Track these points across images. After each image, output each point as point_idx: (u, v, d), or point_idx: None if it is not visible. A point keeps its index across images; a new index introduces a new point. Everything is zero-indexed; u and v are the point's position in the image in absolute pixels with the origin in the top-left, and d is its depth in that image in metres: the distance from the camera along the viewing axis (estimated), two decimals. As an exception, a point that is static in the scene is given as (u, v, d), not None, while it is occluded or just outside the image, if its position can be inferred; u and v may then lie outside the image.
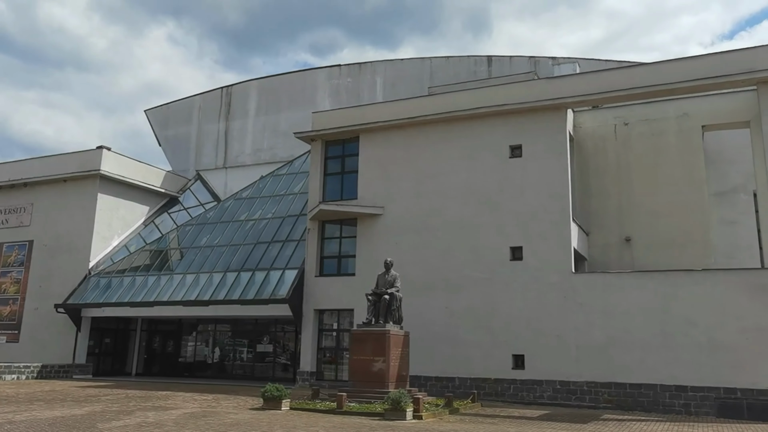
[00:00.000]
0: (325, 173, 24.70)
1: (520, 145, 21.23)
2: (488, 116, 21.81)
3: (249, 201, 29.06)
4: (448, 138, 22.37)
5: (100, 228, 29.24)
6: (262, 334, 28.69)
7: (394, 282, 18.21)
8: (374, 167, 23.44)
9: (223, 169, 35.25)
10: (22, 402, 16.13)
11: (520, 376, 19.64)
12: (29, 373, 24.89)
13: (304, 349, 23.26)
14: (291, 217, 26.79)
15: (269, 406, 15.68)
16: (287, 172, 29.67)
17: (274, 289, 23.59)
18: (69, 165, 30.18)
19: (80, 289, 28.08)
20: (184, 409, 15.07)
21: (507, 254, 20.65)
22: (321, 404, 16.09)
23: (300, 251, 24.79)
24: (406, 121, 22.98)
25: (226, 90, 36.21)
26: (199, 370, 29.55)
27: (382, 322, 17.63)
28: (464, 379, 20.32)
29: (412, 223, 22.27)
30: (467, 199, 21.58)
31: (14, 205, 31.25)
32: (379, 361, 16.95)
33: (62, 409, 14.73)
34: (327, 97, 33.06)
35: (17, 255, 30.57)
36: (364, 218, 23.04)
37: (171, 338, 31.23)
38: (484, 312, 20.47)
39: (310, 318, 23.27)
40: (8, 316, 29.86)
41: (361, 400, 16.15)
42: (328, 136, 24.60)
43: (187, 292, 25.26)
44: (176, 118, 37.39)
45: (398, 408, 14.25)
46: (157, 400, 16.95)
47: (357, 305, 22.35)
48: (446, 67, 30.61)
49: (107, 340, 29.41)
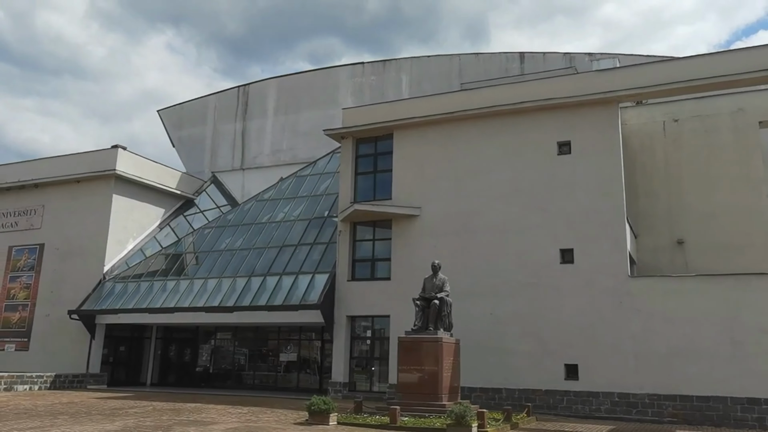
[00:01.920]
0: (356, 172, 23.46)
1: (568, 141, 20.04)
2: (533, 111, 20.63)
3: (271, 203, 27.77)
4: (489, 134, 21.17)
5: (114, 231, 27.90)
6: (285, 343, 27.34)
7: (443, 286, 16.93)
8: (410, 166, 22.22)
9: (240, 170, 33.99)
10: (44, 416, 14.78)
11: (573, 387, 18.36)
12: (42, 383, 23.52)
13: (336, 358, 21.94)
14: (318, 219, 25.51)
15: (316, 421, 14.36)
16: (311, 173, 28.40)
17: (304, 295, 22.29)
18: (82, 165, 28.88)
19: (94, 294, 26.73)
20: (224, 424, 13.74)
21: (556, 257, 19.41)
22: (371, 419, 14.77)
23: (329, 255, 23.51)
24: (444, 116, 21.78)
25: (243, 89, 35.00)
26: (218, 380, 28.17)
27: (432, 329, 16.33)
28: (512, 390, 19.04)
29: (451, 224, 21.02)
30: (512, 199, 20.35)
31: (24, 207, 29.92)
32: (432, 371, 15.63)
33: (92, 424, 13.39)
34: (349, 96, 31.87)
35: (27, 259, 29.21)
36: (400, 219, 21.79)
37: (187, 347, 29.84)
38: (532, 319, 19.20)
39: (342, 325, 21.96)
40: (17, 323, 28.47)
41: (414, 414, 14.83)
42: (359, 133, 23.39)
43: (209, 298, 23.93)
44: (190, 119, 36.16)
45: (462, 423, 12.95)
46: (190, 414, 15.61)
47: (393, 311, 21.13)
48: (476, 64, 29.46)
49: (122, 348, 28.04)
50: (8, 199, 30.36)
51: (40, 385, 23.39)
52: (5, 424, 13.24)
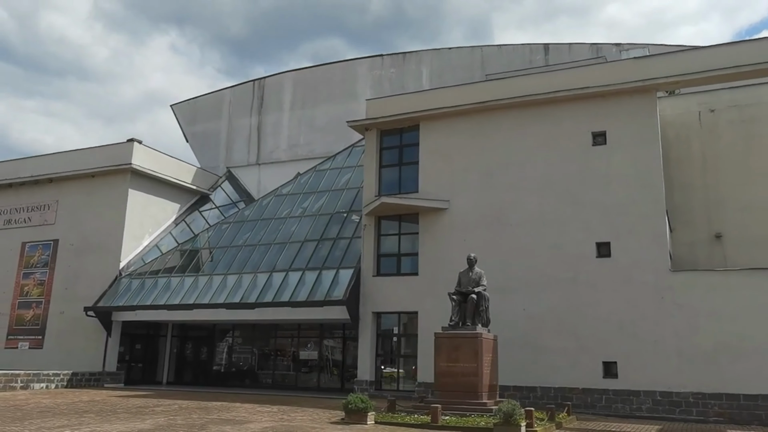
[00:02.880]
0: (381, 165, 22.82)
1: (603, 131, 19.37)
2: (566, 101, 19.97)
3: (290, 198, 27.15)
4: (521, 125, 20.51)
5: (130, 226, 27.30)
6: (305, 341, 26.69)
7: (480, 280, 16.28)
8: (437, 158, 21.57)
9: (255, 165, 33.37)
10: (69, 414, 14.17)
11: (612, 385, 17.69)
12: (59, 381, 22.93)
13: (362, 355, 21.30)
14: (339, 213, 24.88)
15: (353, 420, 13.73)
16: (330, 167, 27.76)
17: (329, 291, 21.65)
18: (97, 159, 28.30)
19: (111, 291, 26.13)
20: (259, 423, 13.12)
21: (592, 251, 18.76)
22: (410, 418, 14.13)
23: (353, 250, 22.88)
24: (474, 106, 21.13)
25: (258, 83, 34.40)
26: (235, 379, 27.52)
27: (470, 325, 15.68)
28: (547, 388, 18.36)
29: (481, 218, 20.37)
30: (545, 192, 19.69)
31: (38, 202, 29.34)
32: (471, 368, 14.98)
33: (121, 422, 12.78)
34: (368, 89, 31.22)
35: (41, 255, 28.64)
36: (428, 213, 21.14)
37: (203, 345, 29.22)
38: (568, 314, 18.55)
39: (368, 321, 21.33)
40: (31, 320, 27.89)
41: (453, 413, 14.18)
42: (384, 124, 22.75)
43: (229, 295, 23.31)
44: (204, 113, 35.56)
45: (511, 422, 12.31)
46: (220, 413, 14.98)
47: (421, 307, 20.51)
48: (499, 56, 28.80)
49: (138, 346, 27.44)
50: (22, 194, 29.80)
51: (56, 384, 22.80)
52: (32, 422, 12.64)
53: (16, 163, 30.81)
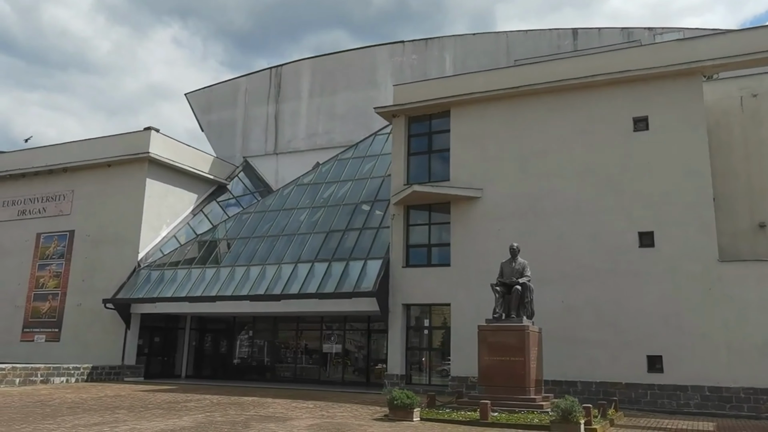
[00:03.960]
0: (409, 153, 22.12)
1: (645, 116, 18.65)
2: (605, 85, 19.24)
3: (312, 187, 26.47)
4: (557, 111, 19.79)
5: (148, 217, 26.65)
6: (328, 334, 26.06)
7: (524, 270, 15.61)
8: (469, 145, 20.86)
9: (273, 155, 32.68)
10: (100, 411, 13.56)
11: (658, 380, 17.03)
12: (79, 375, 22.37)
13: (392, 349, 20.67)
14: (365, 203, 24.20)
15: (397, 416, 13.10)
16: (352, 156, 27.07)
17: (357, 282, 21.00)
18: (113, 148, 27.62)
19: (129, 283, 25.52)
20: (302, 420, 12.49)
21: (634, 241, 18.07)
22: (456, 414, 13.50)
23: (380, 240, 22.22)
24: (508, 92, 20.41)
25: (275, 71, 33.64)
26: (255, 373, 26.89)
27: (514, 317, 15.03)
28: (588, 383, 17.71)
29: (516, 207, 19.68)
30: (583, 179, 18.98)
31: (53, 192, 28.70)
32: (518, 362, 14.34)
33: (158, 420, 12.16)
34: (389, 76, 30.46)
35: (57, 246, 28.02)
36: (460, 202, 20.45)
37: (223, 338, 28.61)
38: (609, 306, 17.88)
39: (397, 314, 20.68)
40: (48, 312, 27.30)
41: (501, 409, 13.55)
42: (412, 111, 22.04)
43: (253, 286, 22.67)
44: (220, 102, 34.84)
45: (570, 420, 11.65)
46: (256, 408, 14.36)
47: (454, 299, 19.88)
48: (525, 42, 28.01)
49: (156, 339, 26.82)
50: (36, 184, 29.17)
51: (77, 378, 22.25)
52: (64, 419, 12.03)
53: (29, 153, 30.17)
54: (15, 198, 29.48)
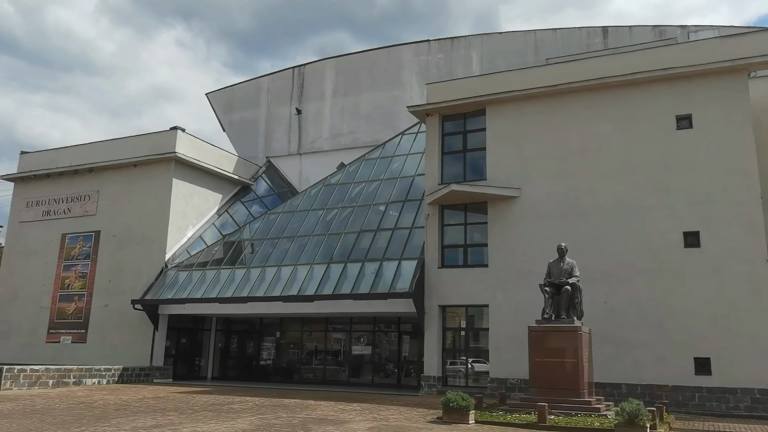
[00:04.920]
0: (443, 152, 21.87)
1: (689, 114, 18.36)
2: (647, 83, 18.96)
3: (341, 187, 26.24)
4: (596, 109, 19.52)
5: (174, 217, 26.44)
6: (357, 335, 25.81)
7: (572, 270, 15.34)
8: (505, 144, 20.60)
9: (296, 155, 32.45)
10: (149, 413, 13.33)
11: (706, 383, 16.72)
12: (110, 376, 22.18)
13: (429, 350, 20.40)
14: (395, 203, 23.96)
15: (452, 419, 12.85)
16: (380, 156, 26.84)
17: (392, 283, 20.75)
18: (139, 148, 27.46)
19: (157, 283, 25.32)
20: (358, 423, 12.24)
21: (679, 240, 17.77)
22: (512, 417, 13.24)
23: (414, 240, 21.97)
24: (545, 90, 20.15)
25: (298, 70, 33.43)
26: (282, 374, 26.68)
27: (565, 318, 14.76)
28: (633, 385, 17.40)
29: (555, 206, 19.41)
30: (625, 179, 18.70)
31: (78, 193, 28.54)
32: (570, 364, 14.09)
33: (215, 422, 11.92)
34: (414, 75, 30.25)
35: (82, 247, 27.85)
36: (497, 202, 20.19)
37: (249, 339, 28.40)
38: (653, 307, 17.58)
39: (434, 315, 20.42)
40: (74, 313, 27.12)
41: (557, 412, 13.28)
42: (446, 109, 21.79)
43: (285, 287, 22.44)
44: (242, 102, 34.65)
45: (635, 423, 11.38)
46: (306, 411, 14.12)
47: (492, 300, 19.61)
48: (554, 40, 27.73)
49: (183, 340, 26.62)
50: (60, 185, 29.02)
51: (108, 379, 22.06)
52: (119, 421, 11.81)
53: (53, 153, 30.04)
54: (40, 198, 29.34)
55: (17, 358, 26.48)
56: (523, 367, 18.32)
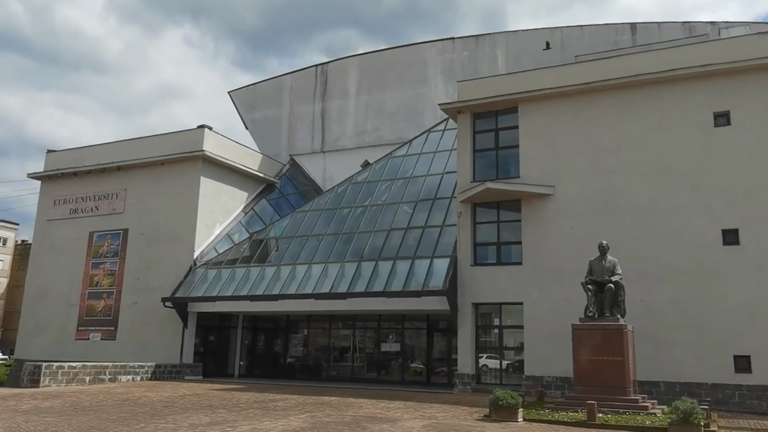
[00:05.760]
0: (475, 150, 21.87)
1: (727, 111, 18.28)
2: (682, 80, 18.89)
3: (368, 185, 26.29)
4: (631, 107, 19.46)
5: (202, 215, 26.57)
6: (386, 332, 25.87)
7: (615, 268, 15.32)
8: (538, 141, 20.58)
9: (320, 153, 32.56)
10: (199, 410, 13.43)
11: (746, 380, 16.68)
12: (143, 373, 22.34)
13: (462, 348, 20.43)
14: (425, 201, 23.98)
15: (501, 417, 12.88)
16: (406, 154, 26.88)
17: (425, 281, 20.79)
18: (166, 146, 27.59)
19: (186, 281, 25.46)
20: (408, 421, 12.29)
21: (717, 239, 17.71)
22: (559, 415, 13.26)
23: (445, 238, 22.00)
24: (579, 88, 20.12)
25: (321, 68, 33.50)
26: (309, 372, 26.78)
27: (609, 315, 14.76)
28: (671, 383, 17.38)
29: (589, 205, 19.38)
30: (660, 177, 18.65)
31: (105, 191, 28.71)
32: (616, 362, 14.09)
33: (267, 420, 12.00)
34: (439, 73, 30.27)
35: (110, 245, 28.02)
36: (531, 199, 20.18)
37: (276, 337, 28.52)
38: (692, 306, 17.53)
39: (467, 313, 20.44)
40: (103, 311, 27.31)
41: (605, 410, 13.28)
42: (478, 107, 21.77)
43: (317, 285, 22.52)
44: (264, 100, 34.76)
45: (689, 422, 11.37)
46: (352, 409, 14.19)
47: (527, 298, 19.62)
48: (580, 37, 27.66)
49: (211, 338, 26.76)
50: (87, 183, 29.20)
51: (141, 376, 22.21)
52: (174, 418, 11.90)
53: (80, 151, 30.24)
54: (67, 196, 29.53)
55: (47, 355, 26.68)
56: (558, 365, 18.47)
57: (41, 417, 11.81)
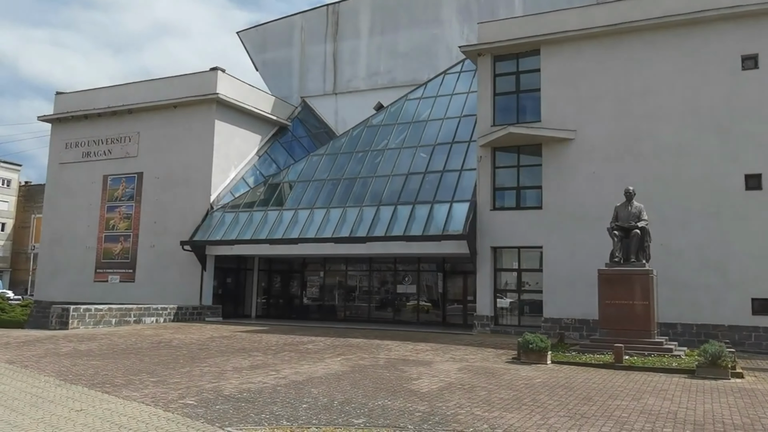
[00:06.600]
0: (495, 93, 21.61)
1: (756, 54, 17.98)
2: (711, 21, 18.50)
3: (384, 128, 26.09)
4: (657, 49, 19.12)
5: (217, 159, 26.47)
6: (402, 274, 26.22)
7: (641, 214, 15.41)
8: (561, 85, 20.32)
9: (332, 95, 32.14)
10: (234, 353, 13.79)
11: (763, 323, 17.05)
12: (166, 315, 22.79)
13: (481, 291, 20.77)
14: (442, 144, 23.85)
15: (530, 359, 13.22)
16: (422, 96, 26.53)
17: (445, 225, 20.92)
18: (179, 89, 27.23)
19: (204, 225, 25.60)
20: (442, 364, 12.64)
21: (740, 183, 17.74)
22: (586, 357, 13.61)
23: (464, 182, 22.00)
24: (604, 29, 19.71)
25: (332, 8, 32.67)
26: (326, 313, 27.31)
27: (635, 261, 14.95)
28: (688, 325, 17.77)
29: (613, 149, 19.31)
30: (686, 120, 18.52)
31: (118, 134, 28.50)
32: (642, 306, 14.39)
33: (308, 364, 12.33)
34: (454, 14, 29.55)
35: (125, 188, 28.03)
36: (552, 144, 20.09)
37: (292, 279, 28.93)
38: (712, 250, 17.73)
39: (486, 256, 20.67)
40: (120, 254, 27.57)
41: (631, 353, 13.64)
42: (499, 49, 21.39)
43: (336, 229, 22.68)
44: (275, 40, 34.06)
45: (718, 365, 11.69)
46: (381, 351, 14.56)
47: (546, 242, 19.80)
48: (602, -25, 26.78)
49: (228, 280, 27.14)
50: (100, 126, 28.96)
51: (164, 318, 22.66)
52: (215, 361, 12.21)
53: (90, 94, 29.84)
54: (79, 140, 29.34)
55: (67, 296, 27.17)
56: (577, 308, 18.87)
57: (86, 360, 12.13)
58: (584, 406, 8.66)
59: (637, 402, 9.07)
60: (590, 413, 8.17)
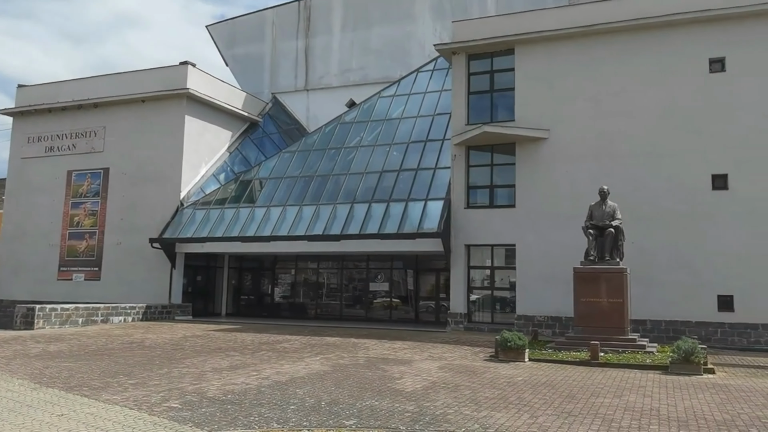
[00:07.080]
0: (469, 92, 21.71)
1: (722, 57, 18.45)
2: (683, 24, 18.92)
3: (357, 126, 25.99)
4: (632, 51, 19.45)
5: (187, 155, 25.99)
6: (375, 272, 26.16)
7: (615, 213, 15.68)
8: (535, 84, 20.51)
9: (304, 91, 31.88)
10: (210, 352, 13.55)
11: (728, 319, 17.53)
12: (135, 314, 22.31)
13: (455, 288, 20.87)
14: (416, 143, 23.86)
15: (508, 357, 13.32)
16: (395, 94, 26.52)
17: (420, 223, 20.94)
18: (147, 83, 26.64)
19: (174, 222, 25.12)
20: (423, 363, 12.64)
21: (707, 183, 18.18)
22: (563, 354, 13.78)
23: (438, 180, 22.07)
24: (579, 30, 19.97)
25: (304, 3, 32.38)
26: (297, 311, 27.08)
27: (609, 259, 15.20)
28: (657, 321, 18.17)
29: (587, 149, 19.59)
30: (660, 121, 18.89)
31: (83, 129, 27.75)
32: (616, 304, 14.64)
33: (289, 363, 12.19)
34: (427, 10, 29.58)
35: (90, 184, 27.32)
36: (526, 143, 20.27)
37: (263, 277, 28.62)
38: (683, 248, 18.16)
39: (460, 254, 20.78)
40: (85, 251, 26.87)
41: (605, 349, 13.86)
42: (473, 48, 21.49)
43: (309, 226, 22.50)
44: (245, 35, 33.60)
45: (691, 361, 11.96)
46: (359, 350, 14.49)
47: (520, 240, 19.98)
48: (574, -23, 27.13)
49: (199, 278, 26.71)
50: (64, 120, 28.15)
51: (133, 317, 22.18)
52: (192, 362, 11.97)
53: (53, 87, 29.00)
54: (41, 134, 28.49)
55: (30, 295, 26.43)
56: (550, 305, 19.11)
57: (58, 362, 11.77)
58: (569, 404, 8.75)
59: (620, 399, 9.21)
60: (576, 411, 8.26)
